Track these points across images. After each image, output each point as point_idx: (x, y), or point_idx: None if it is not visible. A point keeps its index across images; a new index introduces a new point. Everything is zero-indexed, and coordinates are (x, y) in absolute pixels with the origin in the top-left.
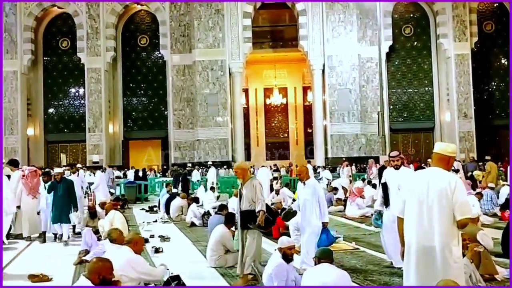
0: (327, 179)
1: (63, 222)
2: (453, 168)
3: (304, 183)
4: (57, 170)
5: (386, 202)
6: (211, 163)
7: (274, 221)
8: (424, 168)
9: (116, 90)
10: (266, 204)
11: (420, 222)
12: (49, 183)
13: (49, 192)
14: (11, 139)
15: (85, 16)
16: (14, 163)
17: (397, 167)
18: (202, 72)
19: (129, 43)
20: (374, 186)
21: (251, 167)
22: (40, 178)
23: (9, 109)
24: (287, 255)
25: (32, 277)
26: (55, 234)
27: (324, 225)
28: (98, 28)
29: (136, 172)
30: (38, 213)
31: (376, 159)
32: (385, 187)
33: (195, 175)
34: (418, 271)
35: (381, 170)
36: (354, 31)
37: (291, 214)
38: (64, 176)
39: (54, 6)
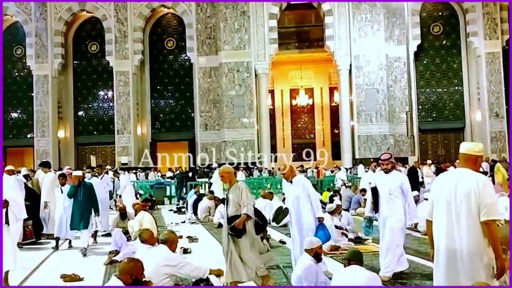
0: (342, 180)
1: (82, 228)
2: (481, 169)
3: (291, 181)
4: (75, 173)
5: (375, 207)
6: (217, 165)
7: (264, 227)
8: (445, 170)
9: (144, 92)
10: (256, 209)
11: (448, 224)
12: (69, 187)
13: (70, 197)
14: (42, 141)
15: (113, 20)
16: (46, 165)
17: (386, 171)
18: (228, 74)
19: (156, 46)
20: None
21: (278, 169)
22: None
23: (41, 112)
24: (318, 255)
25: (64, 277)
26: (69, 241)
27: (320, 220)
28: (126, 32)
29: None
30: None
31: (405, 160)
32: (375, 191)
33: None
34: (448, 274)
35: (410, 172)
36: (381, 30)
37: (283, 213)
38: (84, 179)
39: (83, 11)
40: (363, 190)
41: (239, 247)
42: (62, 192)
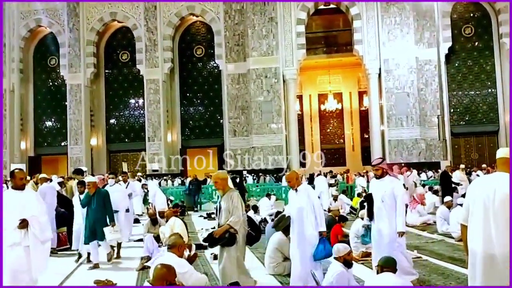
0: (362, 186)
1: (98, 239)
2: None
3: (296, 190)
4: (89, 179)
5: (370, 214)
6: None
7: (257, 237)
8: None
9: (174, 100)
10: (251, 219)
11: (485, 229)
12: (84, 195)
13: (83, 206)
14: (76, 149)
15: (144, 29)
16: (79, 172)
17: (377, 177)
18: (256, 80)
19: (185, 53)
20: (435, 192)
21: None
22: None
23: (74, 120)
24: (348, 261)
25: (98, 282)
26: (88, 254)
27: (322, 234)
28: (156, 40)
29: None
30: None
31: (438, 165)
32: (370, 198)
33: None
34: (485, 280)
35: (442, 176)
36: (411, 33)
37: (284, 220)
38: (104, 186)
39: (115, 21)
40: None
41: (222, 257)
42: (80, 200)
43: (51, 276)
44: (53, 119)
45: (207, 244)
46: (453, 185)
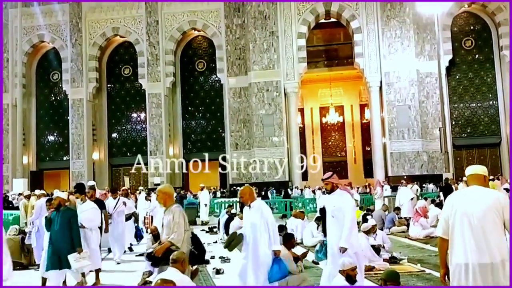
0: (355, 200)
1: (64, 267)
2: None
3: (249, 206)
4: (58, 194)
5: (324, 230)
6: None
7: (202, 258)
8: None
9: (176, 113)
10: (195, 237)
11: (476, 240)
12: (46, 215)
13: (47, 228)
14: (78, 163)
15: (146, 44)
16: (80, 187)
17: (327, 191)
18: (258, 94)
19: (187, 68)
20: (438, 205)
21: (308, 187)
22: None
23: (76, 134)
24: (351, 277)
25: None
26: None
27: (276, 253)
28: (158, 55)
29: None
30: None
31: (440, 177)
32: (323, 213)
33: None
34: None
35: (445, 188)
36: (412, 46)
37: (237, 238)
38: (66, 204)
39: (117, 36)
40: (397, 209)
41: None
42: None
43: None
44: (55, 134)
45: (150, 263)
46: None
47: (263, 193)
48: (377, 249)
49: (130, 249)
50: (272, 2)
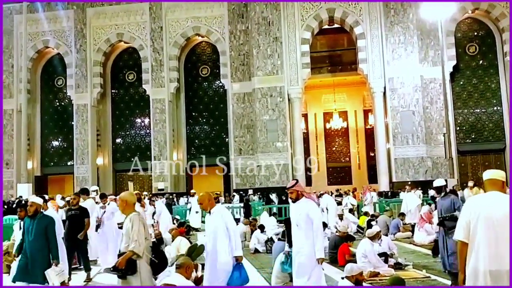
0: (352, 204)
1: (34, 282)
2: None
3: (209, 212)
4: (33, 199)
5: (289, 240)
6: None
7: (163, 267)
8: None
9: (180, 119)
10: (156, 245)
11: (490, 246)
12: (23, 221)
13: (22, 234)
14: (82, 168)
15: (150, 50)
16: (84, 192)
17: (293, 200)
18: (262, 99)
19: (191, 73)
20: None
21: (313, 192)
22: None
23: (80, 140)
24: (360, 281)
25: None
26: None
27: (237, 259)
28: (162, 61)
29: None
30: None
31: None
32: (287, 223)
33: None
34: None
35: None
36: (415, 52)
37: (197, 250)
38: (42, 211)
39: (121, 41)
40: (402, 215)
41: None
42: (20, 228)
43: None
44: (59, 139)
45: (116, 275)
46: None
47: (264, 198)
48: (385, 256)
49: None
50: (276, 8)
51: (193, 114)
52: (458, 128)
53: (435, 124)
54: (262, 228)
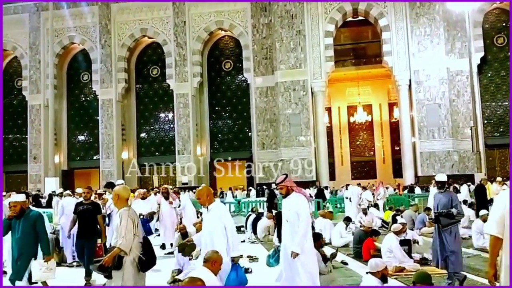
0: (368, 200)
1: (15, 277)
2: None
3: (207, 208)
4: (16, 198)
5: (279, 235)
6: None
7: (152, 263)
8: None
9: (203, 113)
10: (147, 241)
11: None
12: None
13: (5, 233)
14: (107, 162)
15: (173, 44)
16: (110, 186)
17: (283, 196)
18: (285, 93)
19: (214, 68)
20: (470, 205)
21: (324, 187)
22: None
23: (106, 134)
24: (385, 277)
25: None
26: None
27: (234, 260)
28: (185, 55)
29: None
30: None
31: (471, 177)
32: (278, 218)
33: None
34: None
35: (477, 189)
36: (442, 44)
37: (189, 246)
38: (28, 207)
39: (145, 37)
40: (428, 209)
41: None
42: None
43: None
44: (85, 134)
45: (103, 275)
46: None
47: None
48: (409, 247)
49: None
50: (299, 1)
51: (216, 108)
52: (485, 121)
53: (462, 117)
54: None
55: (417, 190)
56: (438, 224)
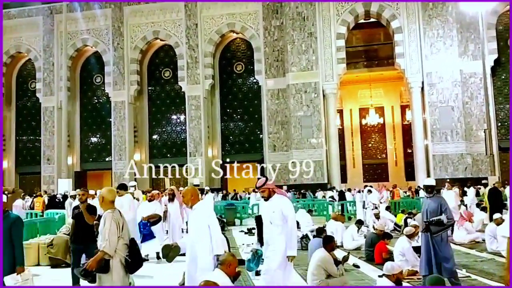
0: (373, 203)
1: None
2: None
3: (191, 208)
4: None
5: (260, 239)
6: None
7: (139, 266)
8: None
9: (215, 115)
10: (133, 243)
11: None
12: None
13: None
14: (119, 164)
15: (185, 47)
16: (122, 187)
17: (265, 198)
18: (296, 95)
19: (225, 70)
20: (484, 209)
21: (331, 188)
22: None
23: (118, 136)
24: (400, 280)
25: None
26: None
27: (218, 259)
28: (197, 58)
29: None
30: None
31: (485, 180)
32: (259, 221)
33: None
34: None
35: (491, 192)
36: (455, 46)
37: (173, 250)
38: (7, 210)
39: (157, 39)
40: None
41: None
42: None
43: None
44: (98, 135)
45: (87, 280)
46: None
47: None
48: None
49: (158, 256)
50: (311, 3)
51: (228, 110)
52: (499, 124)
53: (475, 119)
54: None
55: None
56: (428, 233)
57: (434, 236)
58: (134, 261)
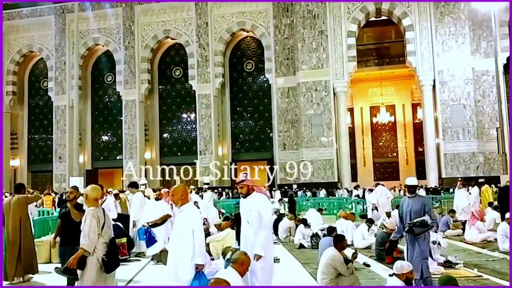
0: (372, 203)
1: None
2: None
3: (179, 208)
4: None
5: (238, 236)
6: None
7: (116, 264)
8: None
9: (225, 114)
10: (113, 241)
11: None
12: None
13: None
14: (130, 162)
15: (196, 45)
16: (133, 185)
17: (243, 195)
18: (306, 93)
19: (236, 68)
20: (496, 208)
21: (338, 187)
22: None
23: (129, 135)
24: (410, 280)
25: None
26: None
27: (198, 268)
28: (208, 56)
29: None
30: None
31: (497, 179)
32: (237, 220)
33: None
34: None
35: (501, 191)
36: (467, 43)
37: (163, 256)
38: None
39: (168, 38)
40: (452, 211)
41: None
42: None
43: None
44: (109, 134)
45: (71, 277)
46: None
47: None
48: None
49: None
50: (321, 1)
51: (238, 109)
52: None
53: (488, 118)
54: (305, 222)
55: (422, 192)
56: (411, 234)
57: (417, 238)
58: (111, 260)
